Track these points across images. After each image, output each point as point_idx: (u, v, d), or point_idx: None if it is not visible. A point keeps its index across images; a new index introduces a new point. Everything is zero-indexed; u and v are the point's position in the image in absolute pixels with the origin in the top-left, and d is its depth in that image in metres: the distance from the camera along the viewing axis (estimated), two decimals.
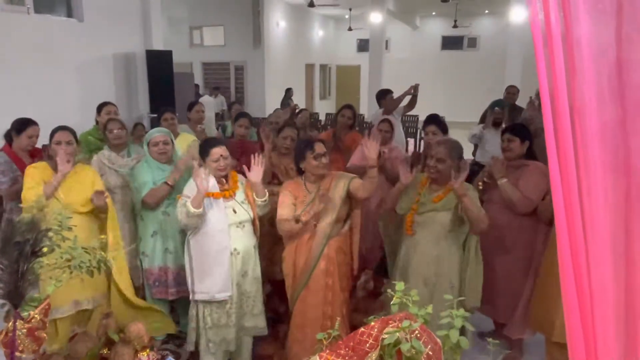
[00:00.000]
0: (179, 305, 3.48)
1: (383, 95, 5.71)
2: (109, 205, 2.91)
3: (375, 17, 11.57)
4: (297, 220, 2.74)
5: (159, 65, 7.68)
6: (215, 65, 13.24)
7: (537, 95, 5.63)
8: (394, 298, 1.31)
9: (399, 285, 1.32)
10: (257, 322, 2.94)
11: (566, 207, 0.95)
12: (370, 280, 4.29)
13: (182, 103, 7.90)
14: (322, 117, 11.87)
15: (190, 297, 2.82)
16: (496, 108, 5.18)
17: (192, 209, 2.61)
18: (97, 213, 2.94)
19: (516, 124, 3.46)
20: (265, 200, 2.89)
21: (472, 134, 5.43)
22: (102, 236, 1.97)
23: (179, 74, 8.40)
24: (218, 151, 2.78)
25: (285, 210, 2.82)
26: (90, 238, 2.80)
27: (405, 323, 1.17)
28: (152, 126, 5.98)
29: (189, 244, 2.80)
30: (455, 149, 2.80)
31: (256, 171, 2.80)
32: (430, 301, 2.67)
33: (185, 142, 3.89)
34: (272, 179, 3.62)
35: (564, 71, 0.86)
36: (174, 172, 3.12)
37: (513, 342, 3.26)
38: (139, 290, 3.32)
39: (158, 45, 7.95)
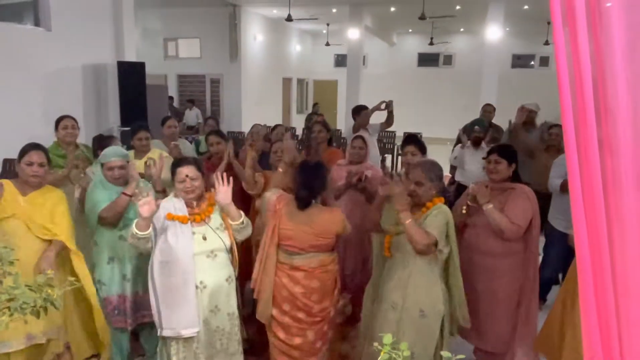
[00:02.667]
0: (142, 333, 3.24)
1: (358, 111, 5.61)
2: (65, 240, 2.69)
3: (353, 33, 11.59)
4: None
5: (131, 77, 7.45)
6: (190, 78, 13.03)
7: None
8: (382, 353, 1.15)
9: (386, 338, 1.16)
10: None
11: (592, 251, 0.82)
12: (348, 304, 4.14)
13: (155, 116, 7.67)
14: (299, 132, 11.75)
15: (158, 332, 2.57)
16: (476, 127, 5.12)
17: (135, 230, 2.41)
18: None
19: (502, 145, 3.36)
20: (241, 223, 2.60)
21: (453, 157, 5.37)
22: (49, 271, 1.75)
23: (152, 86, 8.17)
24: (184, 171, 2.54)
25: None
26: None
27: None
28: (123, 140, 5.76)
29: (152, 273, 2.54)
30: (433, 170, 2.67)
31: (223, 192, 2.50)
32: (397, 327, 2.55)
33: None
34: (264, 192, 3.45)
35: (593, 108, 0.74)
36: (132, 181, 2.90)
37: None
38: None
39: (130, 57, 7.72)
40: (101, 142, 3.54)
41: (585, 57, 0.77)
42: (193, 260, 2.50)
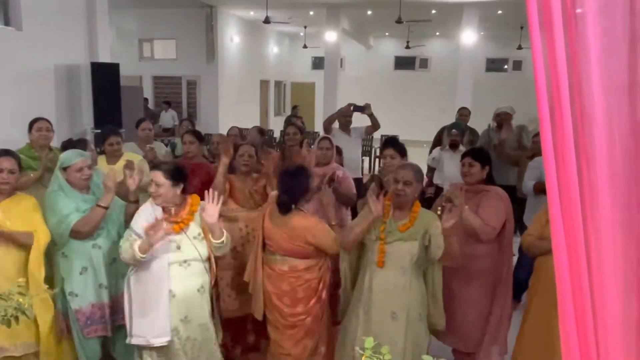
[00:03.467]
0: (119, 338, 3.14)
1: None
2: (37, 240, 2.61)
3: (330, 36, 11.62)
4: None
5: (105, 78, 7.31)
6: (166, 79, 12.85)
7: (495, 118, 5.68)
8: (363, 357, 1.15)
9: (368, 343, 1.16)
10: None
11: (568, 242, 0.83)
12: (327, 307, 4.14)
13: (130, 118, 7.55)
14: (276, 134, 11.71)
15: (127, 340, 2.51)
16: (453, 130, 5.18)
17: (138, 255, 2.35)
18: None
19: (476, 148, 3.41)
20: (221, 242, 2.52)
21: (431, 158, 5.42)
22: (20, 279, 1.69)
23: (126, 88, 8.03)
24: (151, 176, 2.47)
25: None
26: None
27: None
28: (97, 142, 5.63)
29: (129, 282, 2.51)
30: (419, 172, 2.71)
31: (211, 211, 2.42)
32: (405, 335, 2.56)
33: None
34: (228, 198, 3.40)
35: (569, 113, 0.75)
36: (107, 192, 2.76)
37: None
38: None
39: (104, 57, 7.57)
40: (69, 147, 3.39)
41: (562, 62, 0.79)
42: (168, 269, 2.46)
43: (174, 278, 2.47)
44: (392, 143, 3.68)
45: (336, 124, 5.34)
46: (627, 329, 0.85)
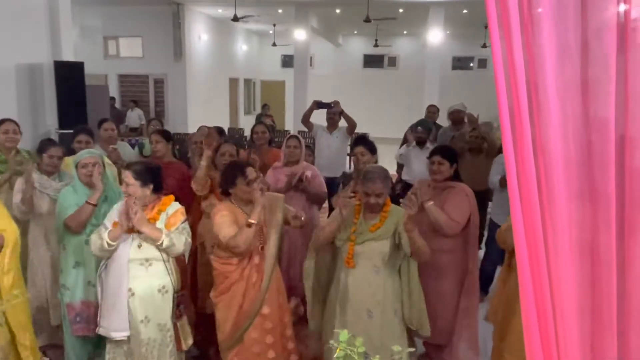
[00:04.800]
0: (99, 342, 3.14)
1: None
2: (6, 241, 2.55)
3: (300, 34, 11.63)
4: (248, 225, 2.54)
5: (69, 78, 7.13)
6: (132, 78, 12.62)
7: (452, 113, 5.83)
8: (338, 350, 1.19)
9: (342, 335, 1.20)
10: None
11: (528, 238, 0.89)
12: (300, 305, 4.18)
13: (96, 118, 7.39)
14: (247, 133, 11.66)
15: (97, 329, 2.64)
16: (419, 127, 5.28)
17: (107, 242, 2.41)
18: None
19: (443, 146, 3.49)
20: (161, 244, 2.51)
21: (399, 154, 5.51)
22: None
23: (92, 87, 7.86)
24: (123, 174, 2.56)
25: (228, 229, 2.58)
26: None
27: None
28: (62, 143, 5.50)
29: (100, 276, 2.62)
30: (387, 178, 2.74)
31: (137, 219, 2.43)
32: (380, 332, 2.61)
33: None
34: (210, 193, 3.40)
35: (527, 110, 0.81)
36: (95, 191, 2.88)
37: None
38: (59, 330, 3.11)
39: (68, 56, 7.38)
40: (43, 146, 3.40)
41: (520, 61, 0.84)
42: (127, 267, 2.51)
43: (135, 276, 2.52)
44: (362, 141, 3.73)
45: (323, 122, 5.32)
46: (582, 312, 0.92)
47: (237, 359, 2.73)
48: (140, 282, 2.52)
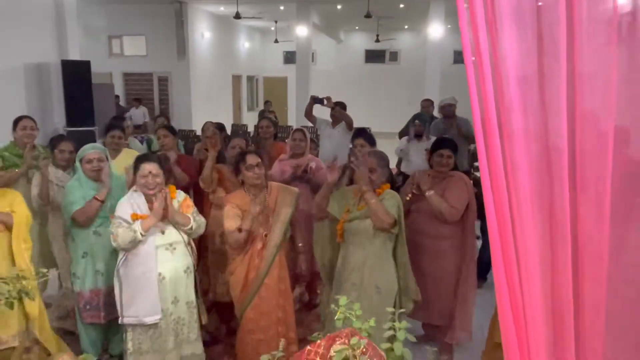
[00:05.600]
0: (109, 330, 3.31)
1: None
2: (17, 224, 2.70)
3: (301, 31, 11.74)
4: (239, 230, 2.76)
5: (76, 76, 7.30)
6: (136, 76, 12.77)
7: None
8: (338, 313, 1.34)
9: (342, 300, 1.34)
10: (195, 349, 2.84)
11: (499, 220, 1.03)
12: (304, 293, 4.33)
13: (102, 115, 7.55)
14: (250, 129, 11.80)
15: (120, 320, 2.70)
16: (416, 121, 5.42)
17: (141, 233, 2.55)
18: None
19: (449, 139, 3.61)
20: (190, 228, 2.78)
21: (399, 149, 5.65)
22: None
23: (98, 85, 8.02)
24: (148, 167, 2.67)
25: (231, 222, 2.80)
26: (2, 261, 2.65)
27: (354, 340, 1.19)
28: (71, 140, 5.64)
29: (119, 272, 2.68)
30: (383, 158, 2.91)
31: (171, 209, 2.69)
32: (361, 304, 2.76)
33: (130, 159, 3.72)
34: (218, 187, 3.55)
35: (493, 99, 0.94)
36: (102, 187, 3.02)
37: (443, 346, 3.41)
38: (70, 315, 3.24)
39: (74, 55, 7.55)
40: (54, 141, 3.60)
41: (486, 56, 0.97)
42: (155, 253, 2.64)
43: (162, 261, 2.67)
44: (361, 133, 3.88)
45: (328, 117, 5.44)
46: (543, 261, 1.05)
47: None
48: (167, 265, 2.68)
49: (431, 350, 1.43)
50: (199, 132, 10.15)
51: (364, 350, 1.20)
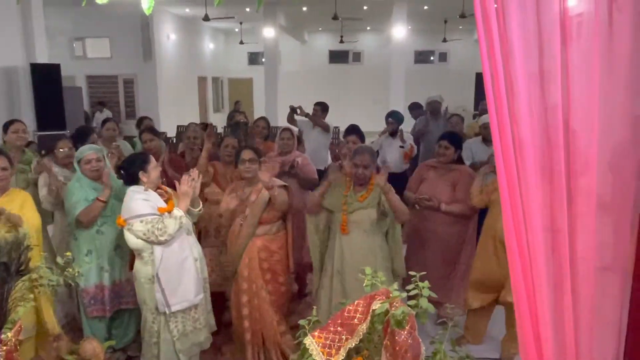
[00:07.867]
0: (115, 322, 3.41)
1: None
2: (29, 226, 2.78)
3: (269, 32, 11.89)
4: (220, 215, 3.15)
5: (46, 80, 7.22)
6: (102, 79, 12.58)
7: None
8: (365, 280, 1.57)
9: (368, 270, 1.58)
10: (210, 318, 3.05)
11: (512, 209, 1.27)
12: (293, 283, 4.51)
13: (71, 119, 7.50)
14: (220, 130, 11.85)
15: (167, 311, 2.72)
16: (390, 119, 5.69)
17: (183, 215, 2.69)
18: None
19: (452, 133, 3.92)
20: (199, 210, 2.97)
21: (372, 143, 5.93)
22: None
23: (67, 88, 7.93)
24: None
25: (224, 202, 3.18)
26: None
27: (395, 293, 1.43)
28: (41, 145, 5.60)
29: (158, 272, 2.69)
30: (374, 154, 3.16)
31: (184, 193, 2.79)
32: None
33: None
34: (211, 181, 3.71)
35: (506, 105, 1.18)
36: (105, 188, 3.11)
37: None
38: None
39: (42, 58, 7.45)
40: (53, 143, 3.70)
41: (498, 55, 1.19)
42: (190, 237, 2.84)
43: (192, 245, 2.84)
44: (354, 130, 4.14)
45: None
46: (545, 227, 1.29)
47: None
48: (196, 248, 2.87)
49: (449, 307, 1.67)
50: (170, 135, 10.18)
51: (397, 304, 1.43)
